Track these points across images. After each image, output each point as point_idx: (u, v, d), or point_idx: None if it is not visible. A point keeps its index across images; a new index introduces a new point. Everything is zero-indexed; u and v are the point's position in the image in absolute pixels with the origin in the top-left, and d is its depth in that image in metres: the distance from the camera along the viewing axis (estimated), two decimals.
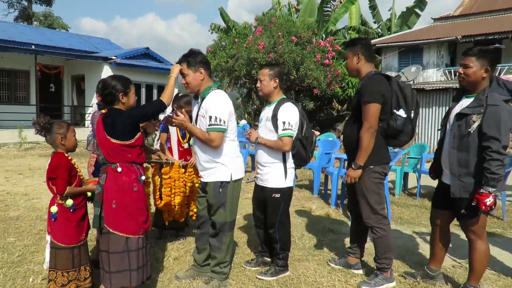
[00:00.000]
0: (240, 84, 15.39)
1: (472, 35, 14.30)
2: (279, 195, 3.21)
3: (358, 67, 3.14)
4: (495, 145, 2.57)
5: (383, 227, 3.12)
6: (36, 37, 18.18)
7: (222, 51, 14.14)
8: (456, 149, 2.80)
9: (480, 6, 17.11)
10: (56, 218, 2.70)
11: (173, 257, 3.65)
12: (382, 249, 3.14)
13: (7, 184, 7.13)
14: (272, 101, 3.29)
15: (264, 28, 13.65)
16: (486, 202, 2.59)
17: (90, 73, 16.89)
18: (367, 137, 2.92)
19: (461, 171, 2.78)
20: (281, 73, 3.29)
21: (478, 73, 2.73)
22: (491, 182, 2.58)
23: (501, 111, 2.60)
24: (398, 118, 3.01)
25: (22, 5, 32.76)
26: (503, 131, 2.58)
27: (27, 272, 3.29)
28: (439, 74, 15.31)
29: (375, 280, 3.11)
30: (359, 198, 3.15)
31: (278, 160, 3.20)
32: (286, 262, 3.35)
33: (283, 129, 3.09)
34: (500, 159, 2.58)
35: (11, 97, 16.21)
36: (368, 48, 3.16)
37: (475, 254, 2.86)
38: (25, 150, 12.63)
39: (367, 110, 2.94)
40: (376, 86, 2.96)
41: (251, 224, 4.25)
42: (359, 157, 2.97)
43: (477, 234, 2.83)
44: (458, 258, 3.82)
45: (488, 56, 2.73)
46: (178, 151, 4.07)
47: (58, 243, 2.71)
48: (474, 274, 2.89)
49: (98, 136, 2.64)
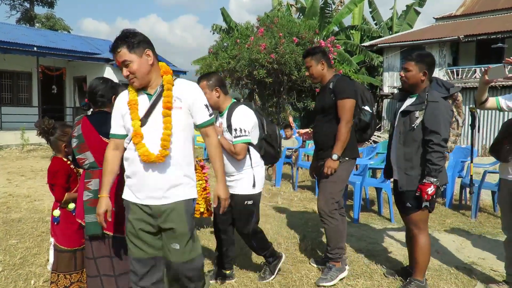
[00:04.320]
0: (241, 85, 15.37)
1: (474, 35, 14.27)
2: (252, 202, 3.05)
3: (324, 73, 3.32)
4: (436, 138, 2.78)
5: (335, 217, 3.23)
6: (38, 39, 18.20)
7: (224, 52, 14.14)
8: (402, 144, 3.00)
9: (482, 5, 17.07)
10: (58, 222, 2.68)
11: None
12: (335, 239, 3.25)
13: (9, 186, 7.14)
14: (222, 110, 3.07)
15: (266, 28, 13.64)
16: (428, 191, 2.79)
17: (92, 74, 16.88)
18: (345, 131, 3.11)
19: (407, 164, 2.97)
20: (219, 80, 3.06)
21: (417, 76, 2.96)
22: (432, 172, 2.78)
23: (440, 106, 2.83)
24: (366, 113, 3.30)
25: (24, 7, 32.86)
26: (442, 125, 2.79)
27: (28, 274, 3.28)
28: (441, 73, 15.26)
29: (330, 274, 3.20)
30: (322, 185, 3.28)
31: (247, 166, 3.03)
32: (274, 254, 3.29)
33: (235, 137, 2.91)
34: (441, 151, 2.78)
35: (13, 99, 16.25)
36: (327, 55, 3.38)
37: (418, 247, 3.00)
38: (27, 152, 12.65)
39: (344, 105, 3.12)
40: (349, 84, 3.22)
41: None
42: (337, 149, 3.13)
43: (420, 228, 3.00)
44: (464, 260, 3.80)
45: (426, 61, 2.96)
46: None
47: (61, 246, 2.69)
48: (417, 268, 3.03)
49: (89, 139, 2.53)
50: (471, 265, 3.65)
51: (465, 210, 5.59)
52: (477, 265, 3.64)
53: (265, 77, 13.01)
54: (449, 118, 2.89)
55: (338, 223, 3.25)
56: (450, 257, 3.84)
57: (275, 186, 7.34)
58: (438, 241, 4.32)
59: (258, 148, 3.08)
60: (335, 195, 3.25)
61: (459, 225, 4.92)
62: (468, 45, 15.58)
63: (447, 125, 2.84)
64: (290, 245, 4.08)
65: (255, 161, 3.06)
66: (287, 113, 14.35)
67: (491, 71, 2.91)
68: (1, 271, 3.33)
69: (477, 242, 4.32)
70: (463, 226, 4.87)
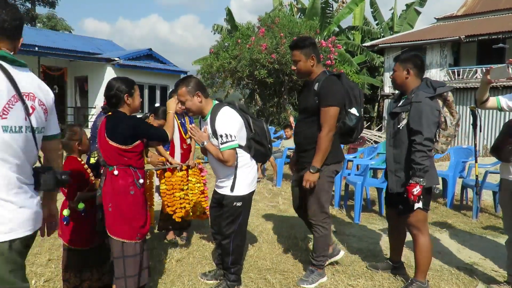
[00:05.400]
0: (243, 85, 15.38)
1: (476, 35, 14.25)
2: (241, 203, 2.94)
3: (313, 69, 3.10)
4: (418, 137, 2.81)
5: (326, 226, 3.18)
6: (39, 39, 18.22)
7: (225, 52, 14.14)
8: (392, 146, 3.07)
9: (484, 5, 17.05)
10: (68, 222, 2.70)
11: (175, 259, 3.64)
12: (322, 248, 3.22)
13: None
14: (205, 114, 2.92)
15: (267, 29, 13.64)
16: (413, 192, 2.78)
17: (93, 74, 16.93)
18: (326, 141, 2.95)
19: (396, 166, 3.01)
20: (198, 83, 2.91)
21: (401, 75, 3.04)
22: (417, 172, 2.79)
23: (423, 106, 2.84)
24: (352, 118, 3.09)
25: (26, 7, 32.86)
26: (425, 124, 2.81)
27: (29, 274, 3.27)
28: (442, 74, 15.24)
29: (312, 277, 3.19)
30: (309, 197, 3.15)
31: (237, 167, 2.92)
32: (238, 277, 3.11)
33: (221, 143, 2.78)
34: (424, 150, 2.79)
35: None
36: (317, 48, 3.13)
37: (418, 249, 3.00)
38: None
39: (328, 113, 2.94)
40: (336, 88, 2.99)
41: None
42: (317, 160, 2.97)
43: (419, 229, 2.97)
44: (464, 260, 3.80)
45: (410, 61, 3.03)
46: (180, 148, 3.97)
47: (71, 246, 2.71)
48: (419, 268, 3.01)
49: (99, 137, 2.64)
50: (472, 265, 3.64)
51: (466, 211, 5.57)
52: (478, 266, 3.64)
53: (266, 77, 13.01)
54: (434, 118, 2.86)
55: (327, 233, 3.20)
56: (451, 258, 3.84)
57: (276, 186, 7.34)
58: (439, 241, 4.31)
59: (247, 149, 2.94)
60: (325, 204, 3.15)
61: (460, 226, 4.91)
62: (469, 45, 15.55)
63: (430, 124, 2.83)
64: (290, 245, 4.08)
65: (245, 163, 2.93)
66: (288, 113, 14.35)
67: (494, 72, 2.89)
68: None
69: (478, 242, 4.31)
70: (464, 227, 4.86)
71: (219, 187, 3.03)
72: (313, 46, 3.07)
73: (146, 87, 18.04)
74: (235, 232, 2.96)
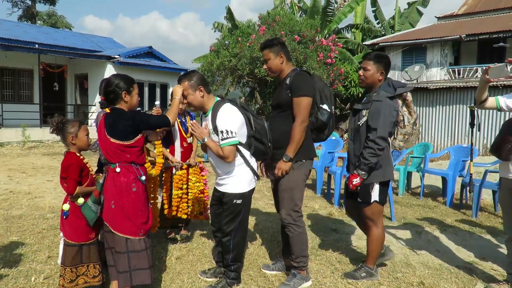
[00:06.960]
0: (243, 83, 15.36)
1: (476, 34, 14.22)
2: (241, 201, 2.95)
3: (282, 67, 3.14)
4: (373, 134, 2.95)
5: (300, 224, 3.12)
6: (39, 36, 18.22)
7: (225, 50, 14.12)
8: (353, 141, 3.22)
9: (485, 4, 17.01)
10: (67, 216, 2.73)
11: (175, 257, 3.65)
12: (299, 247, 3.11)
13: (10, 182, 7.15)
14: (207, 110, 2.95)
15: (268, 27, 13.62)
16: (353, 181, 3.03)
17: (93, 72, 16.93)
18: (300, 130, 2.95)
19: (356, 159, 3.13)
20: (201, 78, 2.94)
21: (375, 76, 3.11)
22: (362, 166, 2.99)
23: (382, 105, 2.96)
24: (324, 112, 3.13)
25: (26, 4, 32.84)
26: (381, 123, 2.93)
27: (29, 271, 3.29)
28: (442, 73, 15.23)
29: (294, 281, 3.08)
30: (283, 194, 3.09)
31: (237, 165, 2.93)
32: (238, 274, 3.11)
33: (222, 139, 2.79)
34: (374, 148, 2.94)
35: (14, 96, 16.27)
36: (286, 47, 3.18)
37: (371, 238, 3.23)
38: (28, 148, 12.66)
39: (300, 103, 2.96)
40: (307, 80, 3.04)
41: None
42: (290, 150, 2.97)
43: (373, 221, 3.17)
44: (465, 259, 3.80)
45: (383, 61, 3.10)
46: (181, 146, 3.96)
47: (68, 240, 2.74)
48: (369, 255, 3.25)
49: (99, 135, 2.65)
50: (472, 264, 3.65)
51: (466, 210, 5.58)
52: (478, 264, 3.64)
53: (266, 75, 12.99)
54: (392, 118, 2.98)
55: (302, 231, 3.12)
56: (450, 256, 3.84)
57: None
58: (439, 240, 4.32)
59: (247, 147, 2.94)
60: (298, 201, 3.09)
61: (460, 224, 4.91)
62: (470, 44, 15.53)
63: (387, 123, 2.95)
64: None
65: (245, 160, 2.94)
66: None
67: (493, 71, 2.88)
68: (1, 268, 3.34)
69: (478, 241, 4.32)
70: (464, 226, 4.87)
71: (219, 184, 3.04)
72: (281, 45, 3.14)
73: (146, 85, 18.04)
74: (235, 230, 2.97)
